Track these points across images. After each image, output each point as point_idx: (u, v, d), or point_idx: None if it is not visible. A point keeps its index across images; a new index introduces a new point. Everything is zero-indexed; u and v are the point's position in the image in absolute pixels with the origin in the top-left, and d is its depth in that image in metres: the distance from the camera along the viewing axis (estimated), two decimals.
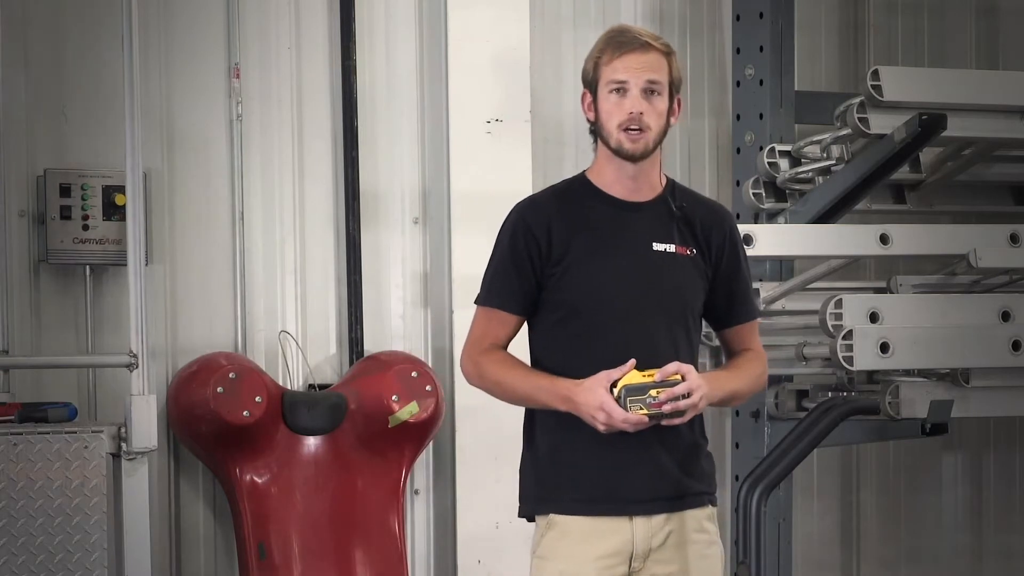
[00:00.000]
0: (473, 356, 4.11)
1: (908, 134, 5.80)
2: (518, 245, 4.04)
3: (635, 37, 4.00)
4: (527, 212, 4.08)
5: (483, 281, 4.12)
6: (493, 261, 4.10)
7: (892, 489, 7.46)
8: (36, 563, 5.43)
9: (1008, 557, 7.68)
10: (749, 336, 4.21)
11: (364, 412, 6.18)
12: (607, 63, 3.99)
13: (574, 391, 3.92)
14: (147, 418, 5.51)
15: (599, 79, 4.01)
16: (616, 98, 3.99)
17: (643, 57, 3.97)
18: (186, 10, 6.33)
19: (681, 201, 4.09)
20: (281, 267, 6.45)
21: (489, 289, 4.10)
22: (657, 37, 4.03)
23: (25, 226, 6.10)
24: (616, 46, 3.99)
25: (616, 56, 3.98)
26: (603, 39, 4.05)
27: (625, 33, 4.03)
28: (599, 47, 4.03)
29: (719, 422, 7.08)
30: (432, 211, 6.57)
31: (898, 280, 6.11)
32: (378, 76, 6.57)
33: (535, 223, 4.04)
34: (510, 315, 4.07)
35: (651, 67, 3.98)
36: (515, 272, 4.05)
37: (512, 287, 4.05)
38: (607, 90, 3.99)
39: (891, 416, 5.98)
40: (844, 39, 7.36)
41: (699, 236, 4.07)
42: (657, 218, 4.05)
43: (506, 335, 4.09)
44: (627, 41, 3.99)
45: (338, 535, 6.18)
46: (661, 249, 4.04)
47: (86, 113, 6.16)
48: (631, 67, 3.97)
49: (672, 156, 7.03)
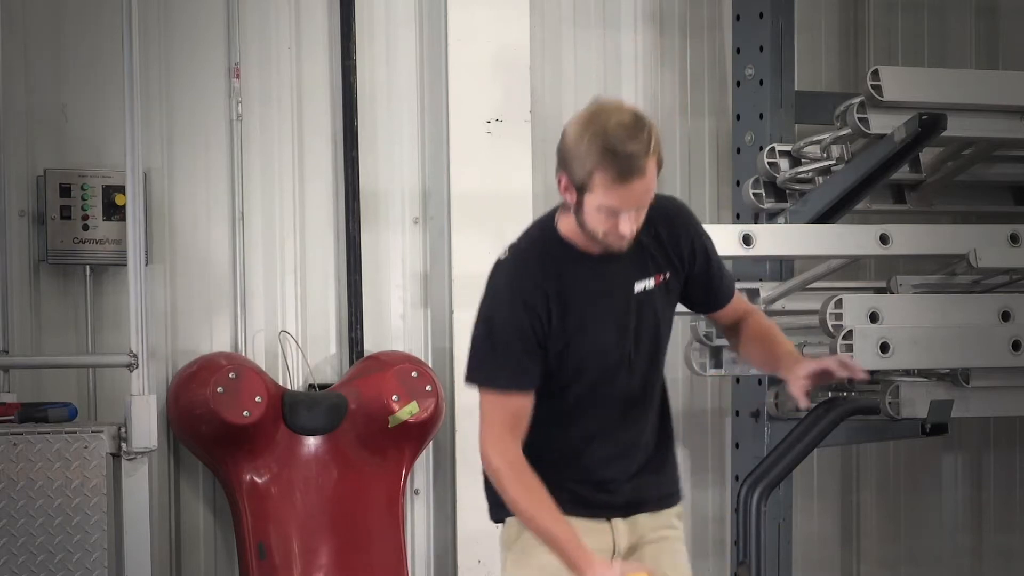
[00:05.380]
0: (507, 457, 3.91)
1: (908, 134, 5.81)
2: (522, 323, 3.89)
3: (633, 164, 3.71)
4: (524, 289, 3.90)
5: (482, 360, 3.93)
6: (494, 340, 3.91)
7: (892, 489, 7.46)
8: (36, 563, 5.43)
9: (1008, 557, 7.68)
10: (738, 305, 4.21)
11: (364, 412, 6.18)
12: (601, 186, 3.73)
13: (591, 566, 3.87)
14: (147, 418, 5.51)
15: (588, 190, 3.76)
16: (607, 216, 3.79)
17: (641, 183, 3.74)
18: (186, 10, 6.33)
19: (649, 227, 3.96)
20: (281, 267, 6.45)
21: (500, 370, 3.92)
22: (648, 141, 3.73)
23: (25, 226, 6.10)
24: (615, 174, 3.72)
25: (613, 185, 3.73)
26: (594, 152, 3.72)
27: (620, 156, 3.71)
28: (591, 161, 3.72)
29: (719, 422, 7.08)
30: (432, 211, 6.57)
31: (898, 280, 6.11)
32: (378, 76, 6.57)
33: (532, 299, 3.89)
34: (529, 393, 3.94)
35: (646, 190, 3.77)
36: (522, 349, 3.90)
37: (524, 365, 3.91)
38: (598, 206, 3.77)
39: (891, 416, 5.98)
40: (844, 39, 7.37)
41: (669, 250, 4.02)
42: (633, 257, 3.97)
43: (528, 415, 3.95)
44: (626, 170, 3.71)
45: (338, 535, 6.18)
46: (641, 288, 3.98)
47: (86, 113, 6.16)
48: (628, 197, 3.75)
49: (672, 156, 7.03)
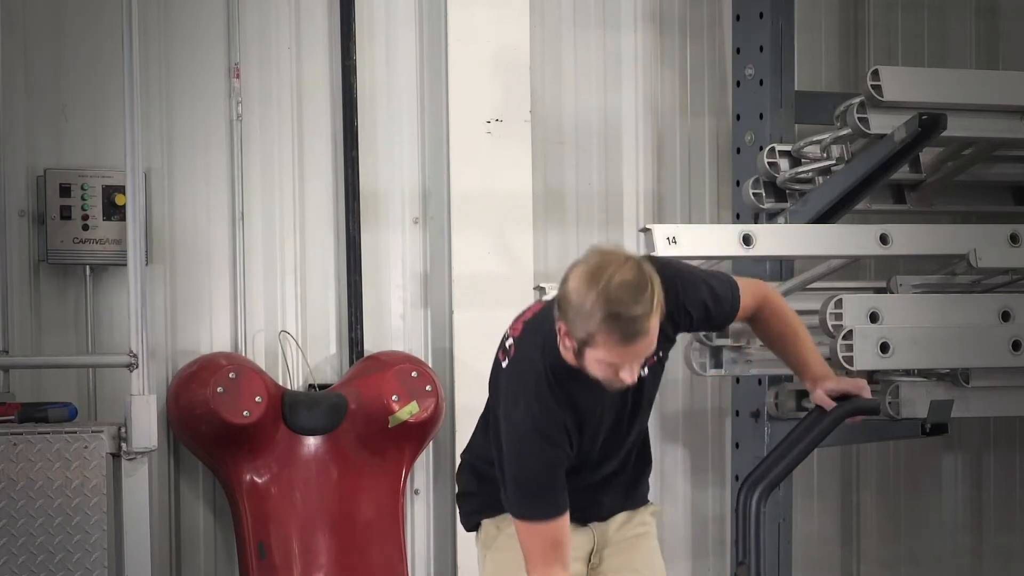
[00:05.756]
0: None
1: (908, 134, 5.80)
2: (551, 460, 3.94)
3: (635, 328, 3.73)
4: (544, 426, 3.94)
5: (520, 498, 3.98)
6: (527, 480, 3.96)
7: (892, 489, 7.46)
8: (36, 563, 5.43)
9: (1008, 557, 7.67)
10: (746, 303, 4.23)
11: (364, 412, 6.18)
12: (603, 346, 3.76)
13: None
14: (147, 418, 5.51)
15: (589, 347, 3.78)
16: (607, 368, 3.82)
17: (642, 344, 3.77)
18: (186, 10, 6.33)
19: None
20: (281, 267, 6.45)
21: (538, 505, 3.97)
22: (649, 306, 3.74)
23: (25, 226, 6.10)
24: (618, 338, 3.74)
25: (616, 346, 3.75)
26: (597, 318, 3.73)
27: (623, 321, 3.72)
28: (593, 325, 3.74)
29: (719, 422, 7.08)
30: (432, 211, 6.57)
31: (898, 280, 6.10)
32: (378, 76, 6.57)
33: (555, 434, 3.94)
34: (566, 513, 4.00)
35: (648, 346, 3.79)
36: (555, 480, 3.97)
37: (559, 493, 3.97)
38: (598, 361, 3.80)
39: (891, 416, 5.98)
40: (844, 39, 7.36)
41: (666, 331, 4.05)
42: None
43: (568, 528, 4.02)
44: (629, 334, 3.73)
45: (338, 535, 6.18)
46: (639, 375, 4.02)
47: (86, 113, 6.16)
48: (630, 355, 3.78)
49: (672, 156, 7.03)
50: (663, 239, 5.61)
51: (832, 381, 4.26)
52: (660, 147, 7.02)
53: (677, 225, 6.15)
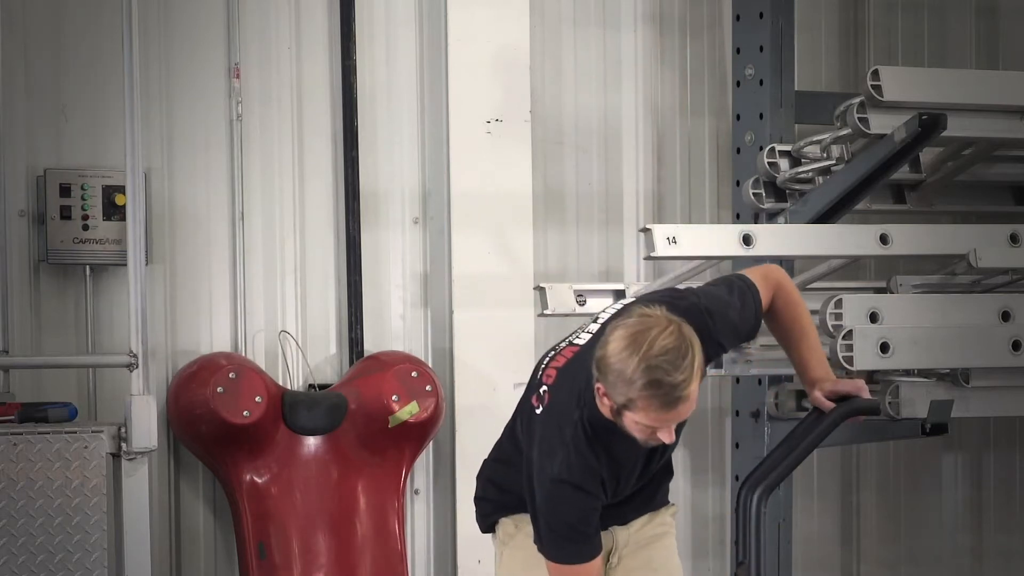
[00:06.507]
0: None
1: (908, 134, 5.80)
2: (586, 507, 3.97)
3: (678, 392, 3.75)
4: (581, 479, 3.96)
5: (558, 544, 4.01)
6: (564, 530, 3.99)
7: (892, 489, 7.46)
8: (36, 563, 5.43)
9: (1008, 557, 7.67)
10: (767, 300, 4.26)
11: (364, 412, 6.18)
12: (643, 411, 3.78)
13: None
14: (147, 418, 5.51)
15: (629, 410, 3.81)
16: (645, 428, 3.85)
17: (682, 409, 3.79)
18: (186, 10, 6.33)
19: None
20: (281, 267, 6.45)
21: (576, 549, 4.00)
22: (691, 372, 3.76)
23: (25, 226, 6.10)
24: (660, 404, 3.77)
25: (655, 411, 3.78)
26: (639, 384, 3.75)
27: (665, 388, 3.75)
28: (636, 389, 3.76)
29: (719, 422, 7.08)
30: (432, 211, 6.57)
31: (898, 280, 6.10)
32: (378, 76, 6.57)
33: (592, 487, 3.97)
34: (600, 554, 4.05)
35: (688, 412, 3.82)
36: (591, 526, 4.00)
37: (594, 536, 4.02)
38: (638, 423, 3.83)
39: (891, 416, 5.97)
40: (844, 39, 7.36)
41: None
42: None
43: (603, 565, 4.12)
44: (669, 401, 3.76)
45: (338, 535, 6.18)
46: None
47: (86, 113, 6.16)
48: (670, 419, 3.82)
49: (672, 156, 7.03)
50: (663, 239, 5.60)
51: (830, 383, 4.27)
52: (660, 147, 7.02)
53: (677, 225, 6.15)
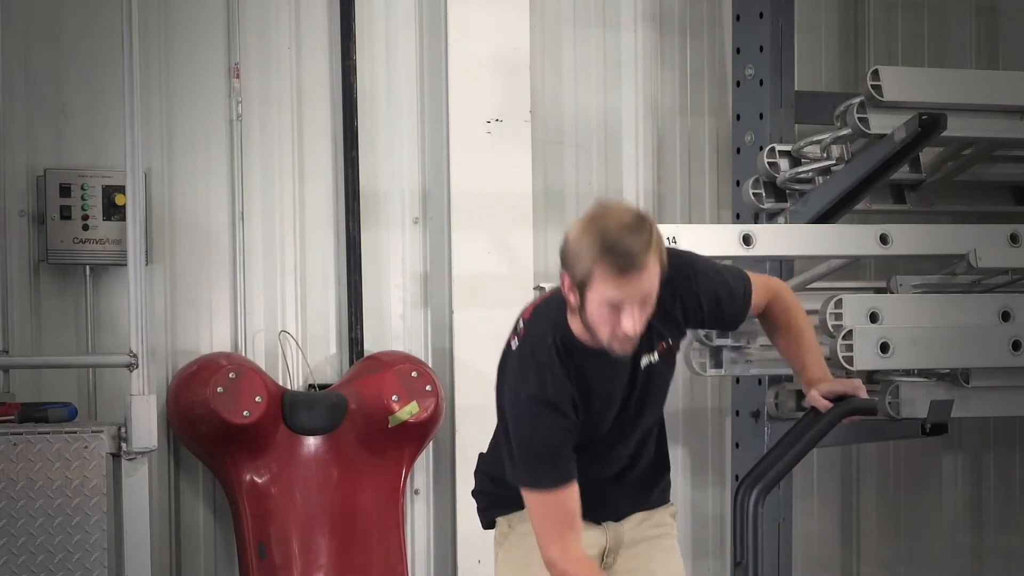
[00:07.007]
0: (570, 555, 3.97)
1: (908, 134, 5.80)
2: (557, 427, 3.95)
3: (631, 259, 3.75)
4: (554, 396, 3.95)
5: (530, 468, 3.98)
6: (536, 451, 3.96)
7: (892, 489, 7.46)
8: (36, 563, 5.43)
9: (1008, 557, 7.67)
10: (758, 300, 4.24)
11: (364, 412, 6.18)
12: (601, 280, 3.77)
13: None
14: (147, 418, 5.51)
15: (588, 287, 3.80)
16: (609, 313, 3.81)
17: (640, 279, 3.78)
18: (186, 10, 6.33)
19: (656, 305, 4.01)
20: (281, 267, 6.45)
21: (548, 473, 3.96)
22: (648, 241, 3.78)
23: (25, 226, 6.10)
24: (614, 270, 3.76)
25: (612, 279, 3.77)
26: (594, 249, 3.77)
27: (619, 252, 3.75)
28: (589, 258, 3.78)
29: (719, 422, 7.08)
30: (432, 211, 6.57)
31: (898, 280, 6.10)
32: (378, 76, 6.57)
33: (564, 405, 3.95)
34: (575, 482, 4.00)
35: (648, 286, 3.80)
36: (562, 450, 3.96)
37: (566, 461, 3.97)
38: (599, 302, 3.81)
39: (891, 416, 5.97)
40: (844, 39, 7.36)
41: (670, 318, 4.06)
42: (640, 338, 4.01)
43: (578, 499, 4.01)
44: (625, 265, 3.76)
45: (338, 535, 6.18)
46: (647, 362, 4.04)
47: (86, 113, 6.17)
48: (628, 291, 3.78)
49: (672, 156, 7.04)
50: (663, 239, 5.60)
51: (827, 383, 4.27)
52: (660, 147, 7.02)
53: (677, 225, 6.16)
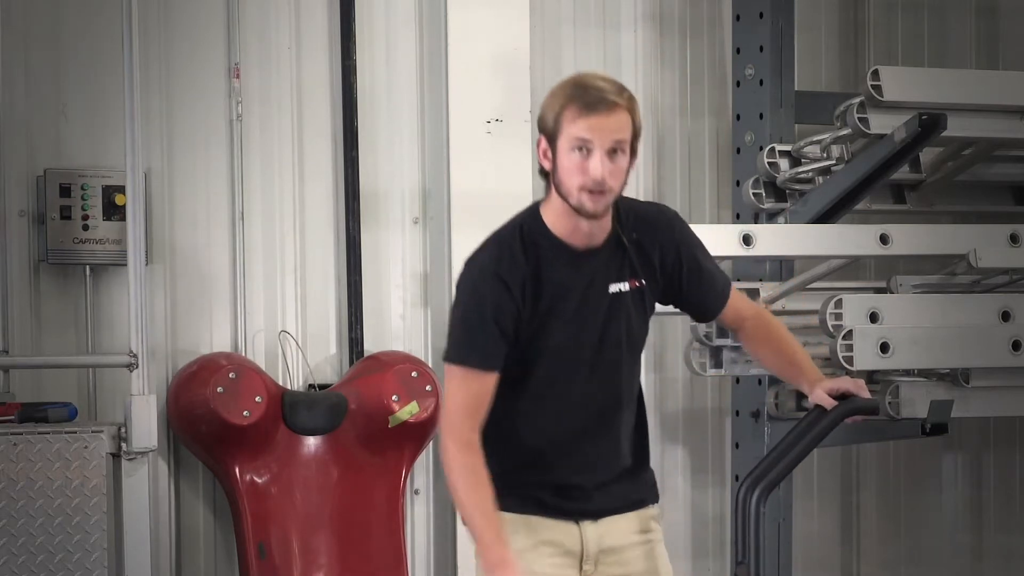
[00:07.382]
0: (461, 438, 3.91)
1: (908, 134, 5.81)
2: (498, 301, 3.92)
3: (601, 96, 3.82)
4: (503, 269, 3.94)
5: (457, 339, 3.95)
6: (469, 317, 3.93)
7: (892, 489, 7.46)
8: (36, 563, 5.43)
9: (1008, 557, 7.68)
10: (738, 306, 4.23)
11: (364, 412, 6.18)
12: (570, 120, 3.82)
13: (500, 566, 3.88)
14: (147, 418, 5.52)
15: (559, 132, 3.85)
16: (578, 157, 3.83)
17: (609, 118, 3.81)
18: (186, 10, 6.33)
19: (630, 231, 4.02)
20: (281, 267, 6.45)
21: (472, 348, 3.94)
22: (621, 89, 3.86)
23: (25, 226, 6.10)
24: (581, 105, 3.81)
25: (580, 115, 3.81)
26: (564, 91, 3.85)
27: (589, 90, 3.83)
28: (560, 100, 3.84)
29: (719, 422, 7.09)
30: (432, 211, 6.57)
31: (898, 280, 6.11)
32: (378, 76, 6.57)
33: (512, 282, 3.93)
34: (495, 374, 3.95)
35: (616, 128, 3.82)
36: (498, 330, 3.92)
37: (494, 345, 3.93)
38: (569, 146, 3.83)
39: (891, 416, 5.98)
40: (844, 39, 7.37)
41: (647, 258, 4.04)
42: (611, 257, 4.01)
43: (491, 397, 3.96)
44: (593, 101, 3.81)
45: (338, 535, 6.18)
46: (616, 290, 4.00)
47: (86, 113, 6.16)
48: (596, 128, 3.81)
49: (672, 156, 7.04)
50: None
51: (830, 381, 4.26)
52: (660, 147, 7.02)
53: None
